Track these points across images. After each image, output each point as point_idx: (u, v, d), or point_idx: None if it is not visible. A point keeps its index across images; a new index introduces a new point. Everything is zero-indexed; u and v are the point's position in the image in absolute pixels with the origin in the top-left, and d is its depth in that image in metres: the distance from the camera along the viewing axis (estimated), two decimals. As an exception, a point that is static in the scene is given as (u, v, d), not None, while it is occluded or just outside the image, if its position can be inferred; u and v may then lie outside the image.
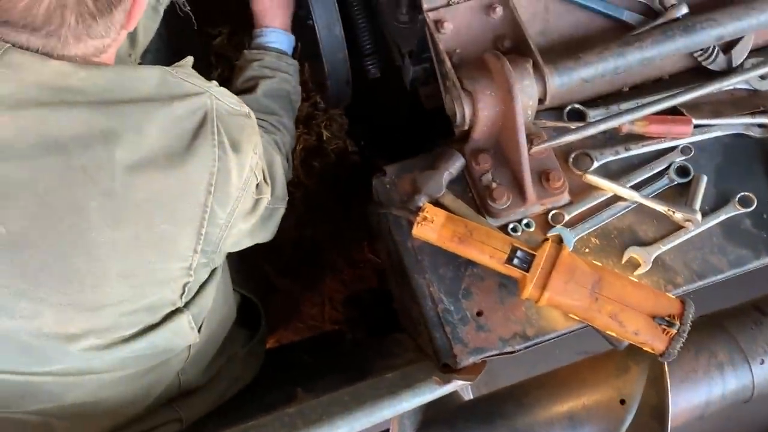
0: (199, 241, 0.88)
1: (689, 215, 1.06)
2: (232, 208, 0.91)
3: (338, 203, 2.14)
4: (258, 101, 1.17)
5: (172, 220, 0.85)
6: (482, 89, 1.04)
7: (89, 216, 0.80)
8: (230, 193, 0.89)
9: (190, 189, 0.85)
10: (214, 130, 0.86)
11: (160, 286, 0.89)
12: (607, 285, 0.97)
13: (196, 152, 0.84)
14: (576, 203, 1.09)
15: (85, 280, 0.83)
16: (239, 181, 0.90)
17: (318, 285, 2.13)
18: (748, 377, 1.20)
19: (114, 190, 0.80)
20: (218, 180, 0.86)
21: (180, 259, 0.88)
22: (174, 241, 0.87)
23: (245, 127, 0.91)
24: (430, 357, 1.06)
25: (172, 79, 0.86)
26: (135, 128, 0.81)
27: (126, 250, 0.84)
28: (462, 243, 1.01)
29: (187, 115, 0.85)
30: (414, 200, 1.07)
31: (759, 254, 1.08)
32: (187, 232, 0.87)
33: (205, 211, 0.87)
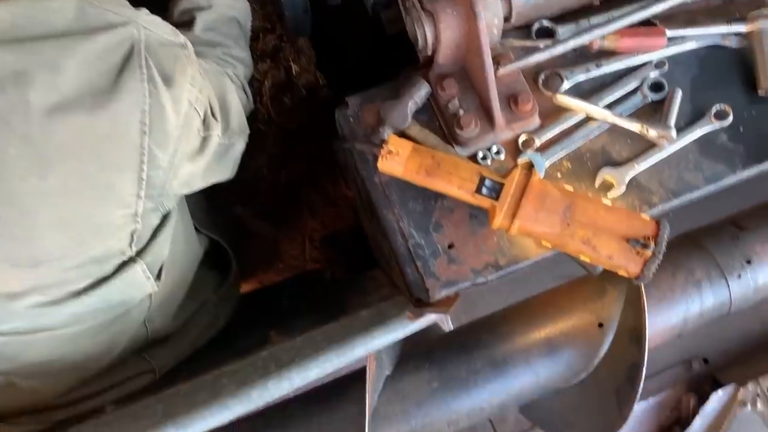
0: (141, 185, 0.83)
1: (664, 132, 1.02)
2: (174, 149, 0.85)
3: (312, 140, 2.08)
4: (198, 38, 1.08)
5: (106, 164, 0.80)
6: (443, 8, 0.97)
7: (9, 164, 0.75)
8: (168, 131, 0.83)
9: (121, 130, 0.79)
10: (141, 63, 0.79)
11: (103, 236, 0.84)
12: (580, 210, 0.94)
13: (124, 89, 0.78)
14: (547, 127, 1.05)
15: (15, 232, 0.78)
16: (177, 118, 0.84)
17: (296, 225, 2.10)
18: (726, 293, 1.20)
19: (32, 135, 0.74)
20: (152, 118, 0.80)
21: (121, 205, 0.83)
22: (111, 187, 0.81)
23: (179, 58, 0.84)
24: (404, 292, 1.04)
25: (91, 10, 0.78)
26: (50, 67, 0.74)
27: (57, 199, 0.78)
28: (429, 175, 0.97)
29: (111, 48, 0.78)
30: (378, 133, 1.03)
31: (735, 168, 1.04)
32: (126, 177, 0.82)
33: (143, 154, 0.81)
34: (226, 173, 1.05)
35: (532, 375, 1.15)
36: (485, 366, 1.14)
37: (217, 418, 0.87)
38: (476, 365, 1.14)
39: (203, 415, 0.87)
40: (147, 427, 0.89)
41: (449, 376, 1.14)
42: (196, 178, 0.96)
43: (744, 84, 1.09)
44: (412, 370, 1.16)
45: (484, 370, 1.14)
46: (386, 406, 1.13)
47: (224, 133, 0.97)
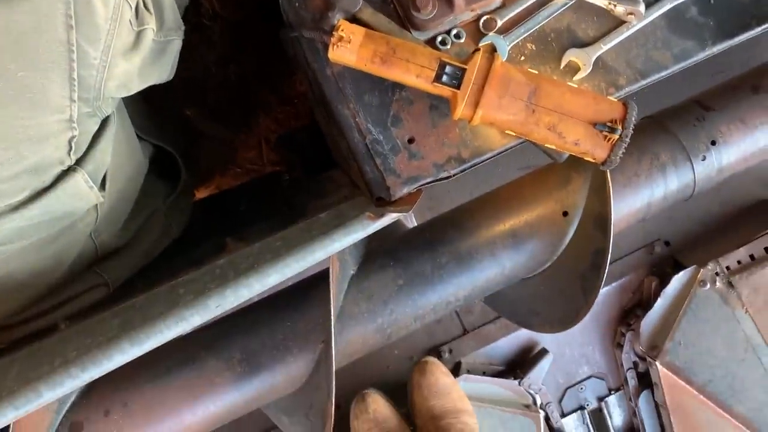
0: (73, 87, 0.75)
1: (632, 7, 0.96)
2: (106, 45, 0.76)
3: (261, 33, 1.95)
4: None
5: (31, 65, 0.71)
6: None
7: None
8: (98, 25, 0.74)
9: (43, 24, 0.70)
10: None
11: (37, 143, 0.77)
12: (545, 95, 0.88)
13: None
14: (509, 5, 0.98)
15: None
16: (106, 10, 0.75)
17: (251, 126, 2.01)
18: (690, 175, 1.19)
19: None
20: (78, 11, 0.71)
21: (54, 110, 0.76)
22: (41, 89, 0.73)
23: None
24: (364, 191, 1.00)
25: None
26: None
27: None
28: (385, 63, 0.90)
29: None
30: (327, 18, 0.94)
31: (705, 44, 1.00)
32: (54, 77, 0.73)
33: (71, 51, 0.73)
34: (164, 73, 0.96)
35: (498, 266, 1.14)
36: (450, 260, 1.13)
37: (174, 331, 0.83)
38: (441, 260, 1.13)
39: (159, 329, 0.84)
40: (102, 342, 0.86)
41: (415, 273, 1.12)
42: (133, 78, 0.88)
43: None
44: (378, 268, 1.14)
45: (450, 265, 1.12)
46: (352, 305, 1.11)
47: (160, 29, 0.88)
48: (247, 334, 1.10)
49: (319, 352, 1.09)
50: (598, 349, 1.73)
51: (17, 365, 0.91)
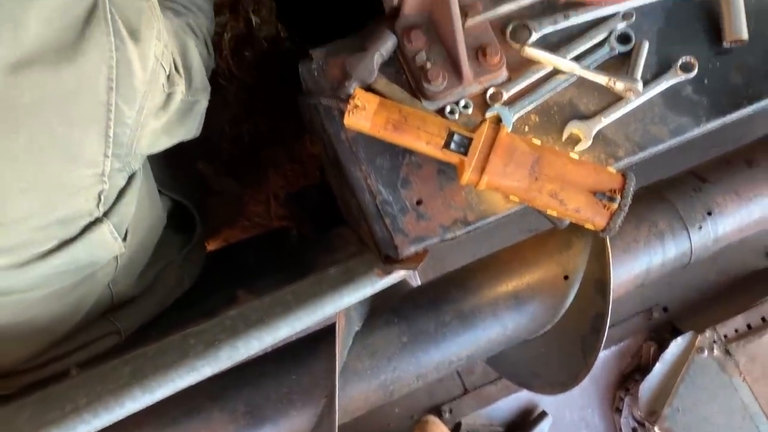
0: (108, 143, 0.81)
1: (630, 85, 1.02)
2: (141, 105, 0.82)
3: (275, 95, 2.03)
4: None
5: (72, 122, 0.76)
6: (409, -42, 0.94)
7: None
8: (135, 87, 0.80)
9: (87, 85, 0.76)
10: (107, 16, 0.76)
11: (70, 196, 0.81)
12: (547, 164, 0.94)
13: (89, 43, 0.74)
14: (515, 80, 1.04)
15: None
16: (144, 74, 0.81)
17: (261, 182, 2.07)
18: (687, 244, 1.23)
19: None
20: (119, 74, 0.77)
21: (89, 165, 0.81)
22: (79, 145, 0.78)
23: (143, 11, 0.81)
24: (372, 249, 1.04)
25: None
26: (12, 21, 0.70)
27: (23, 160, 0.75)
28: (397, 130, 0.96)
29: (73, 1, 0.74)
30: (344, 87, 1.00)
31: (699, 121, 1.05)
32: (92, 134, 0.79)
33: (110, 110, 0.78)
34: (190, 131, 1.02)
35: (500, 327, 1.16)
36: (454, 319, 1.15)
37: (186, 380, 0.86)
38: (445, 319, 1.15)
39: (171, 378, 0.86)
40: (114, 389, 0.88)
41: (418, 331, 1.15)
42: (162, 136, 0.93)
43: (709, 35, 1.09)
44: (382, 325, 1.17)
45: (453, 324, 1.15)
46: (356, 361, 1.14)
47: (188, 90, 0.94)
48: (252, 386, 1.12)
49: (322, 407, 1.10)
50: (597, 413, 1.73)
51: (28, 410, 0.93)
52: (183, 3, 1.04)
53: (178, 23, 0.98)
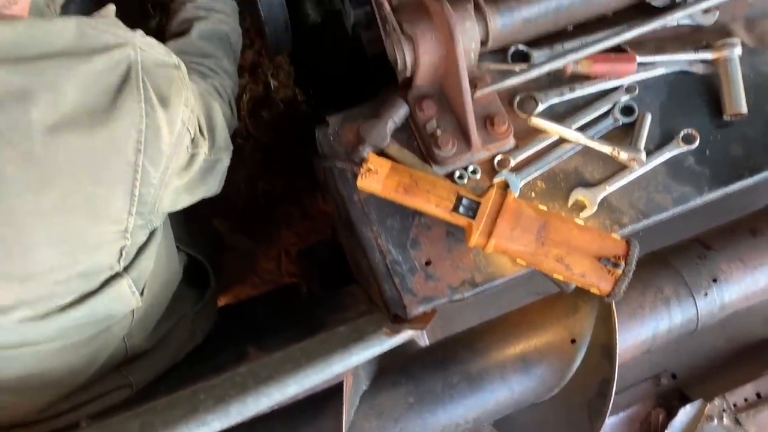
0: (133, 202, 0.85)
1: (634, 155, 1.06)
2: (165, 166, 0.87)
3: (290, 154, 2.09)
4: (193, 44, 1.12)
5: (101, 181, 0.81)
6: (423, 33, 1.00)
7: (8, 182, 0.76)
8: (162, 150, 0.85)
9: (117, 148, 0.81)
10: (139, 84, 0.81)
11: (94, 251, 0.85)
12: (553, 229, 0.96)
13: (121, 109, 0.80)
14: (522, 147, 1.08)
15: (12, 249, 0.79)
16: (171, 138, 0.86)
17: (273, 238, 2.10)
18: (693, 311, 1.24)
19: (33, 152, 0.76)
20: (147, 137, 0.82)
21: (114, 222, 0.85)
22: (105, 203, 0.83)
23: (174, 80, 0.86)
24: (381, 308, 1.06)
25: (90, 31, 0.80)
26: (51, 86, 0.76)
27: (53, 216, 0.79)
28: (407, 193, 0.99)
29: (108, 69, 0.80)
30: (358, 151, 1.05)
31: (702, 191, 1.08)
32: (119, 193, 0.83)
33: (137, 171, 0.83)
34: (212, 188, 1.06)
35: (507, 390, 1.17)
36: (461, 381, 1.16)
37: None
38: (452, 380, 1.16)
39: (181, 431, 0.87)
40: (124, 443, 0.89)
41: (425, 391, 1.15)
42: (183, 194, 0.98)
43: (710, 108, 1.13)
44: (389, 385, 1.17)
45: (460, 386, 1.16)
46: (363, 421, 1.14)
47: (210, 150, 0.98)
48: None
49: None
50: (606, 481, 1.69)
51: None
52: (210, 66, 1.11)
53: (204, 86, 1.04)
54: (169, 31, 1.17)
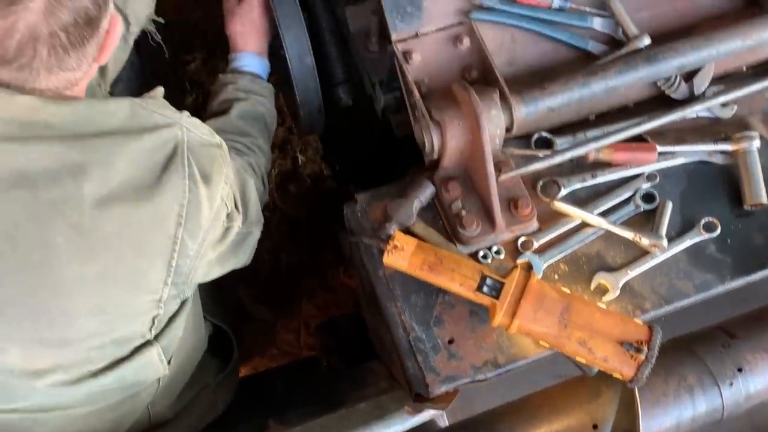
0: (170, 273, 0.88)
1: (655, 241, 1.08)
2: (202, 239, 0.90)
3: (314, 228, 2.14)
4: (232, 122, 1.18)
5: (142, 253, 0.85)
6: (450, 119, 1.05)
7: (57, 251, 0.80)
8: (201, 224, 0.89)
9: (160, 221, 0.85)
10: (184, 162, 0.86)
11: (129, 319, 0.88)
12: (576, 312, 0.98)
13: (167, 185, 0.84)
14: (545, 230, 1.11)
15: (54, 316, 0.82)
16: (210, 212, 0.90)
17: (294, 310, 2.12)
18: (718, 400, 1.22)
19: (82, 224, 0.80)
20: (189, 212, 0.86)
21: (150, 291, 0.88)
22: (144, 274, 0.86)
23: (216, 158, 0.91)
24: (403, 386, 1.06)
25: (142, 111, 0.86)
26: (104, 162, 0.81)
27: (95, 285, 0.83)
28: (432, 271, 1.02)
29: (157, 147, 0.85)
30: (385, 228, 1.08)
31: (724, 279, 1.09)
32: (158, 264, 0.87)
33: (176, 243, 0.87)
34: (242, 260, 1.10)
35: (527, 475, 1.14)
36: (481, 464, 1.14)
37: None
38: (472, 463, 1.14)
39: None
40: None
41: (444, 473, 1.14)
42: (216, 266, 1.01)
43: (730, 198, 1.16)
44: (408, 465, 1.16)
45: (480, 468, 1.14)
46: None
47: (244, 223, 1.03)
48: None
49: None
50: None
51: None
52: (246, 144, 1.17)
53: (241, 162, 1.10)
54: (210, 110, 1.23)
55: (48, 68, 0.79)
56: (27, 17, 0.75)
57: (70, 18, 0.77)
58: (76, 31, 0.79)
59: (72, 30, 0.78)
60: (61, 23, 0.77)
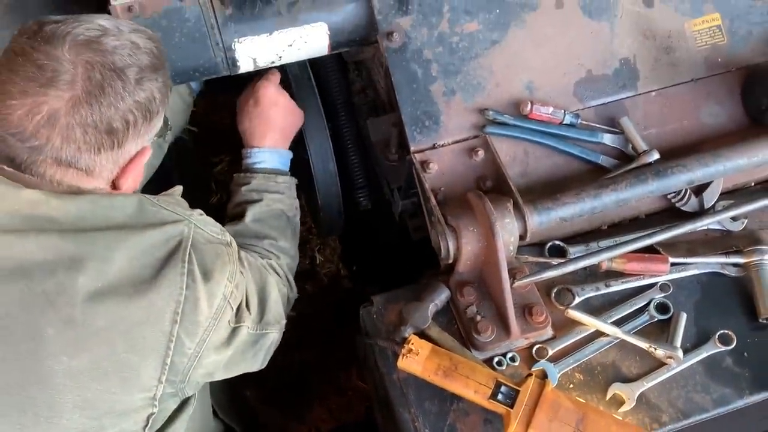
0: (164, 370, 0.87)
1: (671, 352, 1.07)
2: (202, 338, 0.90)
3: (328, 328, 2.13)
4: (247, 227, 1.16)
5: (135, 348, 0.84)
6: (465, 225, 1.09)
7: (46, 343, 0.80)
8: (199, 322, 0.88)
9: (155, 317, 0.85)
10: (185, 258, 0.86)
11: (120, 417, 0.86)
12: (592, 423, 0.96)
13: (163, 280, 0.85)
14: (559, 338, 1.11)
15: (40, 411, 0.82)
16: (209, 310, 0.89)
17: (304, 413, 2.08)
18: None
19: (73, 317, 0.80)
20: (185, 309, 0.86)
21: (142, 389, 0.86)
22: (136, 370, 0.85)
23: (221, 255, 0.91)
24: (414, 496, 1.03)
25: (150, 208, 0.88)
26: (102, 255, 0.82)
27: (84, 380, 0.82)
28: (447, 377, 1.01)
29: (160, 243, 0.86)
30: (400, 331, 1.09)
31: (743, 393, 1.08)
32: (151, 361, 0.86)
33: (171, 341, 0.86)
34: (253, 365, 1.07)
35: None
36: None
37: None
38: None
39: None
40: None
41: None
42: (219, 368, 0.99)
43: (745, 309, 1.16)
44: None
45: None
46: None
47: (256, 324, 1.02)
48: None
49: None
50: None
51: None
52: (265, 247, 1.15)
53: (261, 263, 1.09)
54: (227, 214, 1.23)
55: (57, 159, 0.82)
56: (53, 103, 0.80)
57: (92, 120, 0.81)
58: (94, 134, 0.82)
59: (90, 131, 0.82)
60: (80, 119, 0.81)
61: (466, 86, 1.20)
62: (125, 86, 0.84)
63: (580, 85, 1.24)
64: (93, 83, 0.82)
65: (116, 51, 0.84)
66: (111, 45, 0.84)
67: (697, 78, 1.27)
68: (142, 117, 0.86)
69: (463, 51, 1.20)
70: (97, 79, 0.82)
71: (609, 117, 1.24)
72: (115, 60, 0.83)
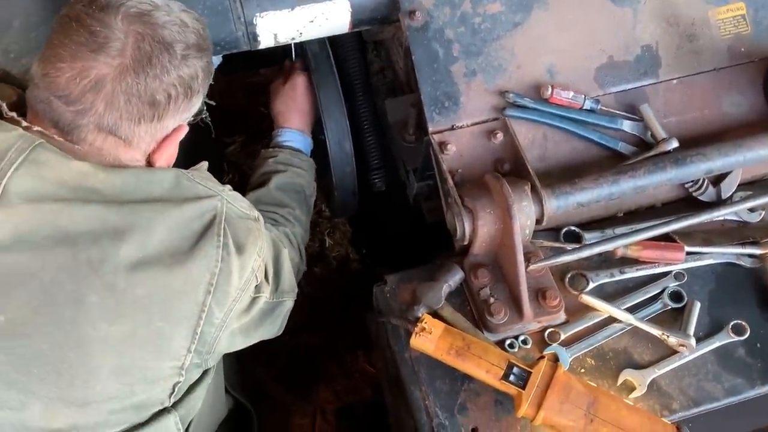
0: (194, 340, 0.89)
1: (683, 340, 1.07)
2: (229, 308, 0.92)
3: (337, 310, 2.14)
4: (270, 193, 1.22)
5: (169, 317, 0.86)
6: (482, 207, 1.09)
7: (88, 309, 0.82)
8: (229, 293, 0.91)
9: (191, 288, 0.87)
10: (220, 232, 0.89)
11: (150, 384, 0.89)
12: (603, 407, 0.96)
13: (200, 252, 0.87)
14: (572, 322, 1.11)
15: (76, 374, 0.84)
16: (239, 282, 0.92)
17: (310, 394, 2.09)
18: None
19: (115, 285, 0.83)
20: (219, 280, 0.89)
21: (173, 357, 0.89)
22: (169, 338, 0.87)
23: (252, 231, 0.95)
24: (423, 474, 1.04)
25: (186, 182, 0.90)
26: (144, 227, 0.85)
27: (120, 346, 0.84)
28: (459, 356, 1.02)
29: (196, 216, 0.89)
30: (413, 310, 1.09)
31: (754, 383, 1.08)
32: (182, 329, 0.88)
33: (203, 310, 0.89)
34: (270, 331, 1.10)
35: None
36: None
37: None
38: None
39: None
40: None
41: None
42: (237, 336, 1.02)
43: (760, 300, 1.16)
44: None
45: None
46: None
47: (273, 294, 1.04)
48: None
49: None
50: None
51: None
52: (283, 215, 1.20)
53: (276, 233, 1.13)
54: (251, 183, 1.28)
55: (98, 125, 0.84)
56: (101, 68, 0.82)
57: (136, 89, 0.84)
58: (137, 104, 0.85)
59: (133, 100, 0.84)
60: (126, 87, 0.83)
61: (487, 68, 1.20)
62: (171, 60, 0.86)
63: (601, 71, 1.23)
64: (142, 53, 0.84)
65: (166, 26, 0.86)
66: (162, 20, 0.86)
67: (720, 67, 1.26)
68: (183, 93, 0.89)
69: (485, 32, 1.20)
70: (146, 50, 0.84)
71: (629, 104, 1.23)
72: (164, 34, 0.86)
